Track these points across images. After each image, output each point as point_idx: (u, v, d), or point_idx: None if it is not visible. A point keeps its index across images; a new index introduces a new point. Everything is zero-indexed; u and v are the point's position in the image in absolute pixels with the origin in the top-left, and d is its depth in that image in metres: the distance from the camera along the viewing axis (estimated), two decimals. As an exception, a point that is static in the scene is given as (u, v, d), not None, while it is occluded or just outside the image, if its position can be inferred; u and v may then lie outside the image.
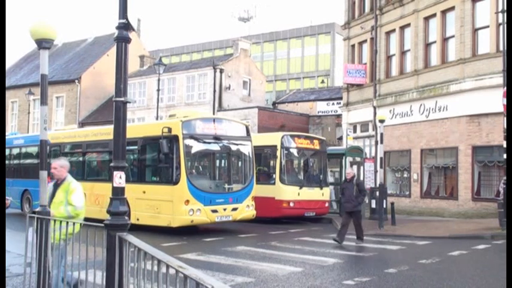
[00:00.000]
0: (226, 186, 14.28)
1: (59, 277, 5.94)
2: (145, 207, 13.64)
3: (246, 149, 14.97)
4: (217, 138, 14.17)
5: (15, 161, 20.33)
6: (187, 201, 12.90)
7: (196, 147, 13.85)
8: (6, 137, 21.00)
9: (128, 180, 16.74)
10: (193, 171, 14.05)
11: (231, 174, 14.77)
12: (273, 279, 7.91)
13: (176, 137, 13.11)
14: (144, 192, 13.80)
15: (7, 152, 20.19)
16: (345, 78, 25.07)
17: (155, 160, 14.04)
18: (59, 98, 40.11)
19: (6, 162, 20.05)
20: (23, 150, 20.14)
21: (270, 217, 16.54)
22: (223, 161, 15.23)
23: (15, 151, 20.35)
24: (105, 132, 15.62)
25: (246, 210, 14.26)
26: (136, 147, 14.51)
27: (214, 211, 13.38)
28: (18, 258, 8.47)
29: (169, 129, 13.10)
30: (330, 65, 59.59)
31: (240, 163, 15.14)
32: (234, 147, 14.77)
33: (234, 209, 13.87)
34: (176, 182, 13.04)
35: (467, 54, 18.77)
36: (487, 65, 17.97)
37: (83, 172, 16.73)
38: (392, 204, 16.79)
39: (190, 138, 13.42)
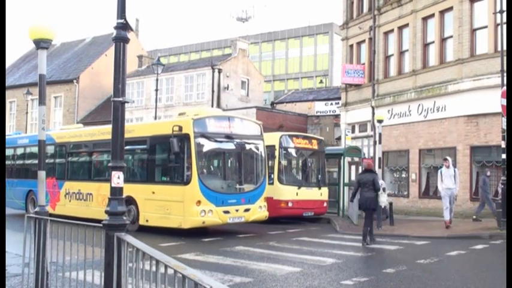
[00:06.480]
0: (239, 186, 13.83)
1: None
2: (154, 208, 13.29)
3: (259, 148, 14.46)
4: (229, 137, 13.65)
5: (20, 161, 19.73)
6: (198, 202, 12.47)
7: (208, 146, 13.30)
8: (11, 137, 20.67)
9: (136, 181, 16.46)
10: (205, 170, 13.46)
11: (243, 174, 14.19)
12: (271, 279, 7.91)
13: (187, 136, 12.64)
14: (153, 192, 13.45)
15: (11, 152, 19.74)
16: (343, 78, 25.08)
17: (165, 159, 13.62)
18: (57, 98, 40.06)
19: (11, 162, 19.68)
20: (28, 150, 19.41)
21: (269, 217, 16.51)
22: (235, 160, 14.52)
23: (19, 151, 19.76)
24: None
25: (259, 211, 13.82)
26: (145, 146, 14.18)
27: (226, 212, 12.91)
28: (16, 259, 8.46)
29: (180, 128, 12.68)
30: (328, 65, 59.65)
31: (252, 163, 14.54)
32: (246, 147, 14.21)
33: (247, 210, 13.42)
34: (187, 182, 12.60)
35: (466, 55, 18.79)
36: (485, 65, 17.99)
37: (90, 172, 16.39)
38: (390, 204, 16.81)
39: (201, 136, 12.93)
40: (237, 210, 13.18)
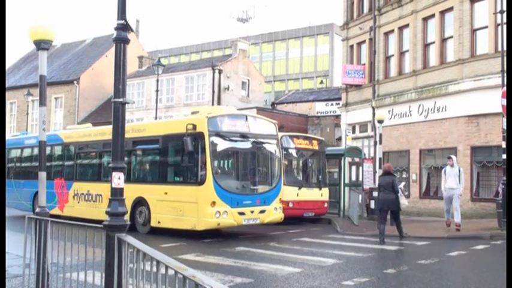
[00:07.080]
0: (254, 187, 13.41)
1: None
2: (167, 210, 13.02)
3: (274, 148, 14.11)
4: (244, 136, 13.25)
5: (27, 162, 19.18)
6: (213, 203, 12.12)
7: (223, 145, 12.89)
8: (17, 137, 20.52)
9: (148, 181, 16.25)
10: (219, 170, 12.97)
11: (258, 174, 13.89)
12: (272, 279, 7.91)
13: (201, 135, 12.32)
14: (166, 193, 13.16)
15: (18, 152, 19.50)
16: (343, 78, 25.09)
17: (178, 159, 13.28)
18: (58, 99, 40.09)
19: (18, 163, 19.49)
20: (35, 150, 18.33)
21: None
22: (250, 160, 14.07)
23: (26, 152, 19.27)
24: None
25: (274, 212, 13.40)
26: (157, 145, 13.88)
27: (242, 213, 12.54)
28: (17, 259, 8.46)
29: (194, 126, 12.35)
30: (329, 65, 59.63)
31: (267, 163, 14.23)
32: (261, 146, 13.84)
33: (262, 212, 13.03)
34: (201, 183, 12.26)
35: (466, 55, 18.79)
36: (485, 66, 17.99)
37: (99, 173, 16.06)
38: (391, 204, 16.76)
39: (216, 135, 12.55)
40: (252, 212, 12.83)
